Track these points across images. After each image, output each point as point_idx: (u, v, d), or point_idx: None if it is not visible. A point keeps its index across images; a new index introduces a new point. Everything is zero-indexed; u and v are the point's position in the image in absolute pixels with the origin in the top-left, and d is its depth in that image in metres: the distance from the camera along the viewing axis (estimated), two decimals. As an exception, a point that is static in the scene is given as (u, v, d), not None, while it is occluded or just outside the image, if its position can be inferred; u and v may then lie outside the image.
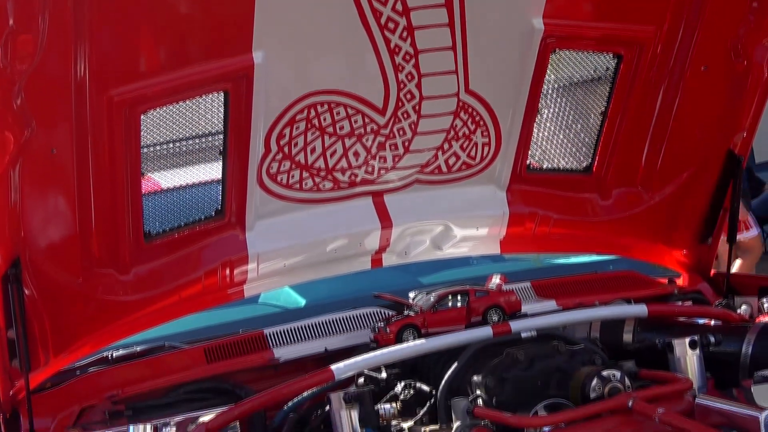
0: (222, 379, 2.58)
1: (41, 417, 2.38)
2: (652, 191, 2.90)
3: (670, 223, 2.98)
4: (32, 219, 2.23)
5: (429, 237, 2.76)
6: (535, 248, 3.05)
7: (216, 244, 2.54)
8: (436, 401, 2.23)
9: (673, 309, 2.57)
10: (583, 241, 3.02)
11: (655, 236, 3.02)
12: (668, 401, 2.08)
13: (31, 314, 2.29)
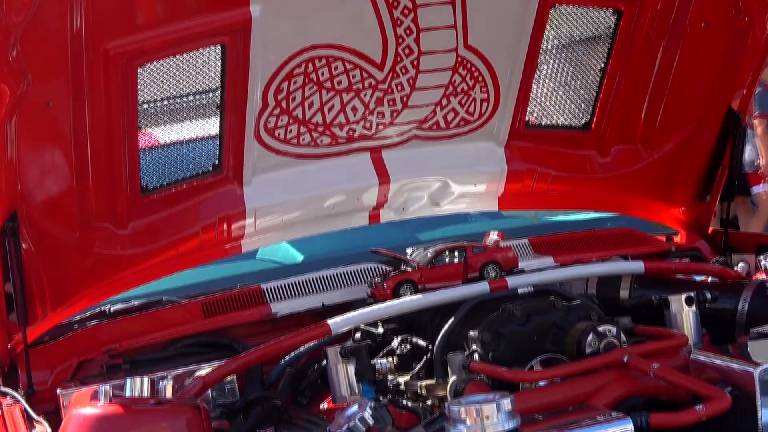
0: (219, 333, 2.60)
1: (39, 370, 2.40)
2: (651, 148, 2.90)
3: (668, 181, 2.98)
4: (29, 173, 2.23)
5: (427, 193, 2.77)
6: (533, 205, 3.05)
7: (213, 198, 2.54)
8: (433, 356, 2.24)
9: (670, 266, 2.58)
10: (581, 198, 3.02)
11: (654, 194, 3.02)
12: (663, 357, 2.08)
13: (28, 268, 2.30)
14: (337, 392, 2.18)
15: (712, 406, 1.84)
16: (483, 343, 2.17)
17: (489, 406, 1.73)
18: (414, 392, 2.22)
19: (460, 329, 2.24)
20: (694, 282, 2.58)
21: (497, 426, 1.72)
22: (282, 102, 2.44)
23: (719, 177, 2.95)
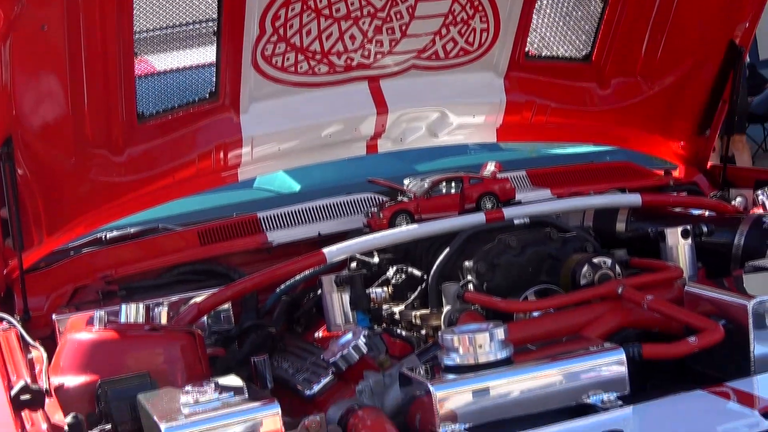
0: (215, 261, 2.60)
1: (35, 296, 2.41)
2: (651, 81, 2.89)
3: (668, 114, 2.97)
4: (24, 97, 2.21)
5: (425, 124, 2.75)
6: (532, 137, 3.04)
7: (210, 126, 2.54)
8: (427, 286, 2.25)
9: (667, 199, 2.57)
10: (580, 131, 3.01)
11: (653, 127, 3.01)
12: (658, 289, 2.09)
13: (24, 193, 2.30)
14: (332, 321, 2.19)
15: (705, 338, 1.84)
16: (478, 273, 2.17)
17: (482, 335, 1.74)
18: (408, 322, 2.24)
19: (455, 260, 2.24)
20: (690, 216, 2.58)
21: (490, 355, 1.73)
22: (279, 29, 2.42)
23: (719, 111, 2.94)
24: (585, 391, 1.72)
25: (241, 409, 1.58)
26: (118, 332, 1.98)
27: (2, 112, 2.18)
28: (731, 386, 1.67)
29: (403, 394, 1.79)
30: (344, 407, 1.79)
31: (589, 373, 1.74)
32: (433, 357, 1.84)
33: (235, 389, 1.64)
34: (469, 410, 1.68)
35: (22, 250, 2.33)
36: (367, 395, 1.83)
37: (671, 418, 1.60)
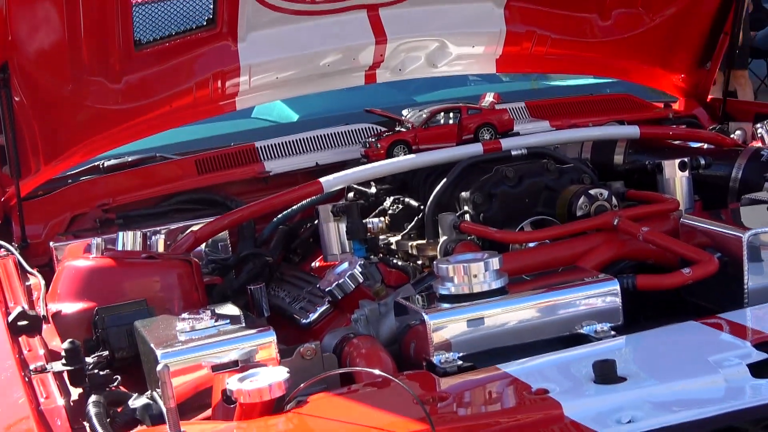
0: (212, 190, 2.60)
1: (33, 224, 2.42)
2: (652, 12, 2.86)
3: (669, 46, 2.94)
4: (19, 22, 2.19)
5: (424, 53, 2.74)
6: (532, 68, 3.03)
7: (207, 54, 2.52)
8: (424, 216, 2.25)
9: (665, 131, 2.56)
10: (580, 63, 2.99)
11: (654, 59, 2.99)
12: (654, 221, 2.10)
13: (20, 120, 2.30)
14: (328, 250, 2.20)
15: (699, 269, 1.85)
16: (474, 203, 2.17)
17: (477, 264, 1.75)
18: (404, 252, 2.25)
19: (452, 190, 2.24)
20: (689, 148, 2.57)
21: (484, 285, 1.74)
22: None
23: (720, 44, 2.92)
24: (578, 321, 1.73)
25: (237, 337, 1.59)
26: (116, 260, 1.99)
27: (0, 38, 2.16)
28: (724, 318, 1.67)
29: (398, 323, 1.81)
30: (339, 336, 1.80)
31: (582, 303, 1.75)
32: (429, 287, 1.85)
33: (232, 317, 1.65)
34: (463, 339, 1.70)
35: (20, 177, 2.33)
36: (363, 324, 1.85)
37: (663, 348, 1.61)
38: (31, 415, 1.48)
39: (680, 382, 1.48)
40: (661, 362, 1.55)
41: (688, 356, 1.56)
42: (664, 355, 1.58)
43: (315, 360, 1.68)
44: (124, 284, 1.93)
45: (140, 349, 1.71)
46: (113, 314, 1.81)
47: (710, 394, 1.44)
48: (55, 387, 1.57)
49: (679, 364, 1.54)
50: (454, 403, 1.48)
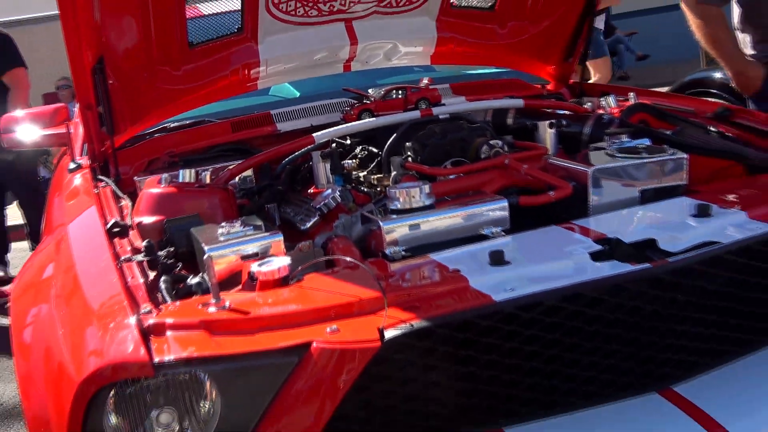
0: (242, 142, 2.60)
1: (123, 165, 2.43)
2: (535, 24, 2.87)
3: (545, 47, 2.96)
4: (110, 30, 2.18)
5: (382, 51, 2.73)
6: (454, 62, 3.02)
7: (238, 52, 2.51)
8: (382, 159, 2.26)
9: (541, 103, 2.58)
10: (486, 58, 3.00)
11: (535, 56, 3.01)
12: (531, 161, 2.12)
13: (113, 96, 2.29)
14: (319, 181, 2.21)
15: (560, 192, 1.88)
16: (414, 150, 2.19)
17: (415, 189, 1.77)
18: (369, 182, 2.26)
19: (400, 141, 2.25)
20: (556, 113, 2.60)
21: (419, 202, 1.76)
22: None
23: (578, 46, 2.95)
24: (481, 226, 1.76)
25: (258, 236, 1.60)
26: (178, 188, 1.99)
27: (96, 40, 2.15)
28: (575, 223, 1.72)
29: (363, 228, 1.83)
30: (325, 237, 1.82)
31: (484, 214, 1.77)
32: (384, 204, 1.87)
33: (254, 225, 1.66)
34: (406, 238, 1.72)
35: (113, 134, 2.34)
36: (341, 229, 1.86)
37: (535, 243, 1.64)
38: (121, 290, 1.49)
39: (545, 265, 1.51)
40: (533, 252, 1.59)
41: (551, 248, 1.60)
42: (536, 247, 1.61)
43: (309, 252, 1.71)
44: (183, 204, 1.93)
45: (195, 246, 1.71)
46: (176, 224, 1.82)
47: (565, 272, 1.48)
48: (137, 271, 1.57)
49: (545, 253, 1.58)
50: (399, 279, 1.51)
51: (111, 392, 1.34)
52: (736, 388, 1.47)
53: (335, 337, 1.29)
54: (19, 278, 1.98)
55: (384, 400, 1.36)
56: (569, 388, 1.44)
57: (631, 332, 1.46)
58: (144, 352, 1.30)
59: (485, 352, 1.39)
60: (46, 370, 1.50)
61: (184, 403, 1.34)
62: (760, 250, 1.59)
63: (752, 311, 1.59)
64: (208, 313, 1.37)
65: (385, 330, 1.30)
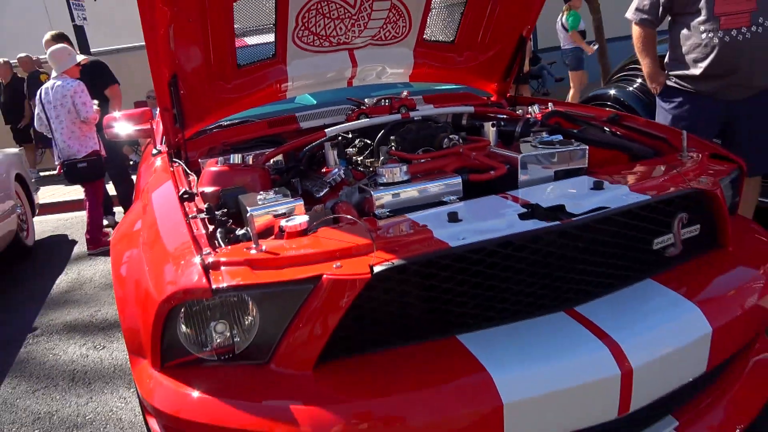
0: (274, 136, 2.57)
1: (190, 151, 2.39)
2: (483, 54, 2.81)
3: (490, 70, 2.90)
4: (180, 54, 2.12)
5: (375, 72, 2.67)
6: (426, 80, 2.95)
7: (272, 71, 2.45)
8: (374, 148, 2.23)
9: (486, 109, 2.53)
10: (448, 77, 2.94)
11: (483, 76, 2.95)
12: (479, 150, 2.10)
13: (183, 102, 2.24)
14: (329, 163, 2.18)
15: (498, 171, 1.87)
16: (397, 141, 2.16)
17: (396, 168, 1.75)
18: (364, 165, 2.22)
19: (386, 135, 2.22)
20: (497, 117, 2.56)
21: (399, 178, 1.74)
22: (305, 22, 2.31)
23: (513, 71, 2.89)
24: (443, 195, 1.74)
25: (285, 201, 1.59)
26: (230, 167, 1.97)
27: (171, 62, 2.10)
28: (509, 194, 1.69)
29: (360, 196, 1.81)
30: (333, 202, 1.81)
31: (444, 186, 1.76)
32: (374, 179, 1.85)
33: (283, 193, 1.65)
34: (389, 202, 1.71)
35: (183, 129, 2.30)
36: (344, 196, 1.85)
37: (480, 207, 1.62)
38: (189, 238, 1.48)
39: (486, 222, 1.49)
40: (478, 213, 1.57)
41: (491, 210, 1.58)
42: (480, 210, 1.59)
43: (321, 213, 1.69)
44: (233, 179, 1.91)
45: (241, 209, 1.70)
46: (228, 192, 1.80)
47: (500, 227, 1.46)
48: (201, 225, 1.56)
49: (486, 214, 1.56)
50: (385, 231, 1.49)
51: (182, 309, 1.33)
52: (619, 309, 1.47)
53: (339, 271, 1.29)
54: (116, 230, 1.96)
55: (372, 315, 1.36)
56: (502, 307, 1.44)
57: (545, 269, 1.47)
58: (206, 280, 1.29)
59: (444, 282, 1.39)
60: (136, 295, 1.50)
61: (233, 317, 1.35)
62: (637, 213, 1.59)
63: (632, 255, 1.59)
64: (250, 255, 1.36)
65: (374, 266, 1.30)
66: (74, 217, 6.49)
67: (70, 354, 3.08)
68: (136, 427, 2.33)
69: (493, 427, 1.24)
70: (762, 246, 1.81)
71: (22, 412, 2.56)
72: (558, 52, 8.06)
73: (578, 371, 1.29)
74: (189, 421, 1.27)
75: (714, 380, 1.68)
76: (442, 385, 1.25)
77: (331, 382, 1.28)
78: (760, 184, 2.83)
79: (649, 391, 1.38)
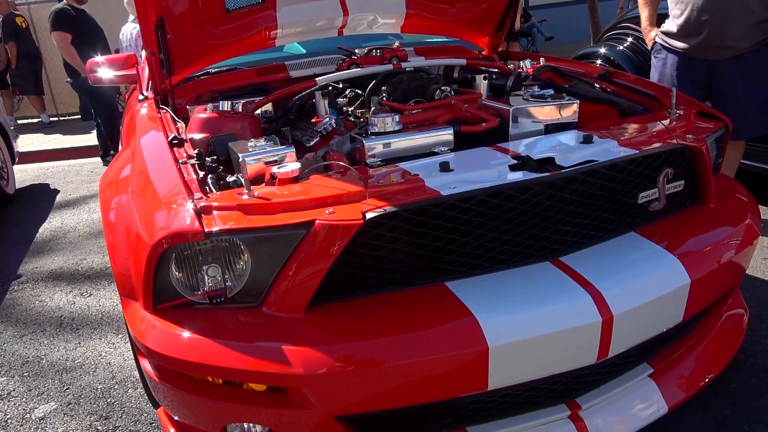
0: (263, 84, 2.53)
1: (178, 98, 2.35)
2: (476, 6, 2.77)
3: (482, 23, 2.86)
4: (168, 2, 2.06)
5: (366, 21, 2.62)
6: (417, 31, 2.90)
7: (262, 17, 2.38)
8: (365, 98, 2.21)
9: (478, 62, 2.50)
10: (440, 29, 2.89)
11: (475, 30, 2.91)
12: (471, 102, 2.09)
13: (170, 47, 2.19)
14: (319, 112, 2.16)
15: (489, 123, 1.87)
16: (388, 92, 2.14)
17: (388, 118, 1.74)
18: (354, 115, 2.21)
19: (377, 86, 2.19)
20: (489, 70, 2.54)
21: (391, 127, 1.74)
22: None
23: (506, 25, 2.85)
24: (434, 146, 1.74)
25: (277, 148, 1.58)
26: (219, 114, 1.94)
27: (158, 3, 2.03)
28: (499, 146, 1.70)
29: (351, 145, 1.80)
30: (324, 151, 1.80)
31: (436, 137, 1.75)
32: (366, 129, 1.84)
33: (274, 141, 1.64)
34: (381, 152, 1.70)
35: (171, 75, 2.24)
36: (335, 145, 1.84)
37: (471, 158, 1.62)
38: (181, 183, 1.47)
39: (477, 172, 1.51)
40: (469, 164, 1.57)
41: (482, 161, 1.59)
42: (471, 161, 1.60)
43: (312, 161, 1.69)
44: (223, 126, 1.89)
45: (231, 156, 1.69)
46: (218, 139, 1.79)
47: (491, 177, 1.47)
48: (192, 170, 1.55)
49: (477, 164, 1.57)
50: (377, 179, 1.50)
51: (173, 253, 1.34)
52: (602, 260, 1.51)
53: (332, 217, 1.30)
54: (103, 177, 1.94)
55: (363, 261, 1.38)
56: (490, 256, 1.47)
57: (533, 219, 1.49)
58: (198, 224, 1.30)
59: (434, 229, 1.41)
60: (126, 240, 1.50)
61: (225, 261, 1.36)
62: (623, 167, 1.62)
63: (616, 208, 1.63)
64: (242, 200, 1.36)
65: (367, 213, 1.31)
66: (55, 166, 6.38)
67: (57, 300, 3.09)
68: (126, 370, 2.36)
69: (478, 370, 1.28)
70: (742, 204, 1.85)
71: (10, 356, 2.58)
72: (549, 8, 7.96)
73: (561, 317, 1.33)
74: (182, 360, 1.29)
75: (688, 331, 1.75)
76: (431, 329, 1.29)
77: (322, 325, 1.31)
78: (743, 146, 2.87)
79: (627, 339, 1.43)
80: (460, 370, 1.27)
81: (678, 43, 2.64)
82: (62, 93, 9.10)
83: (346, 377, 1.24)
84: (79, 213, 4.58)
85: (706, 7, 2.48)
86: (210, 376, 1.31)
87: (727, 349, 1.79)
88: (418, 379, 1.26)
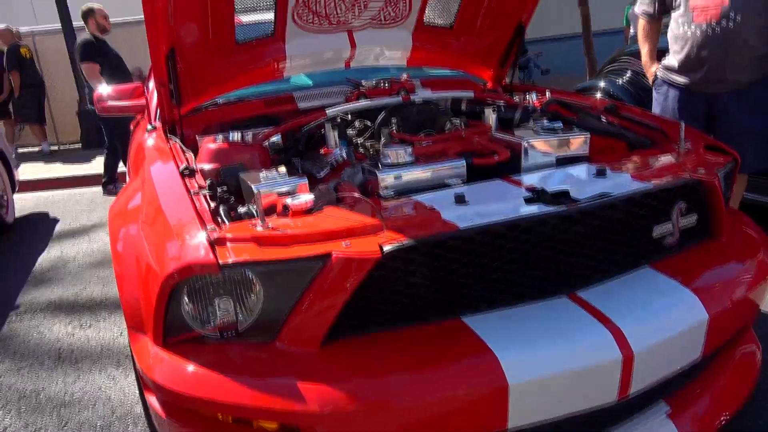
0: (272, 114, 2.53)
1: (187, 128, 2.34)
2: (481, 40, 2.79)
3: (487, 56, 2.88)
4: (179, 29, 2.08)
5: (373, 54, 2.64)
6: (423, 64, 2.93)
7: (271, 49, 2.40)
8: (374, 129, 2.21)
9: (484, 95, 2.52)
10: (446, 62, 2.92)
11: (480, 63, 2.93)
12: (481, 134, 2.09)
13: (180, 77, 2.19)
14: (329, 144, 2.16)
15: (501, 155, 1.86)
16: (397, 125, 2.14)
17: (402, 149, 1.73)
18: (363, 146, 2.21)
19: (387, 118, 2.20)
20: (495, 103, 2.55)
21: (404, 159, 1.73)
22: (305, 1, 2.27)
23: (509, 59, 2.87)
24: (447, 177, 1.74)
25: (287, 180, 1.56)
26: (229, 144, 1.94)
27: (169, 36, 2.04)
28: (513, 178, 1.69)
29: (363, 177, 1.79)
30: (335, 182, 1.78)
31: (448, 169, 1.75)
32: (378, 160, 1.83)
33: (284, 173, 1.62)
34: (394, 183, 1.69)
35: (180, 105, 2.25)
36: (346, 177, 1.83)
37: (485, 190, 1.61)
38: (192, 213, 1.45)
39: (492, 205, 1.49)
40: (484, 196, 1.56)
41: (496, 193, 1.58)
42: (486, 193, 1.59)
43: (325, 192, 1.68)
44: (233, 156, 1.88)
45: (242, 186, 1.67)
46: (228, 169, 1.77)
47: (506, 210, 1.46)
48: (204, 201, 1.53)
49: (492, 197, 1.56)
50: (391, 212, 1.48)
51: (186, 286, 1.31)
52: (620, 295, 1.48)
53: (349, 250, 1.28)
54: (112, 207, 1.92)
55: (380, 295, 1.36)
56: (506, 289, 1.44)
57: (549, 252, 1.47)
58: (212, 256, 1.27)
59: (451, 263, 1.39)
60: (136, 271, 1.47)
61: (236, 295, 1.32)
62: (638, 201, 1.60)
63: (632, 242, 1.61)
64: (257, 231, 1.34)
65: (384, 245, 1.29)
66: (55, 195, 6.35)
67: (56, 332, 3.02)
68: (126, 405, 2.30)
69: (498, 408, 1.24)
70: (751, 238, 1.84)
71: (6, 390, 2.50)
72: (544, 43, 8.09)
73: (582, 355, 1.30)
74: (191, 396, 1.25)
75: (705, 368, 1.71)
76: (450, 366, 1.25)
77: (338, 361, 1.27)
78: (746, 180, 2.88)
79: (647, 376, 1.40)
80: (479, 408, 1.24)
81: (679, 78, 2.68)
82: (64, 122, 9.13)
83: (362, 416, 1.19)
84: (78, 242, 4.54)
85: (706, 43, 2.52)
86: (220, 413, 1.27)
87: (743, 388, 1.75)
88: (437, 417, 1.22)
